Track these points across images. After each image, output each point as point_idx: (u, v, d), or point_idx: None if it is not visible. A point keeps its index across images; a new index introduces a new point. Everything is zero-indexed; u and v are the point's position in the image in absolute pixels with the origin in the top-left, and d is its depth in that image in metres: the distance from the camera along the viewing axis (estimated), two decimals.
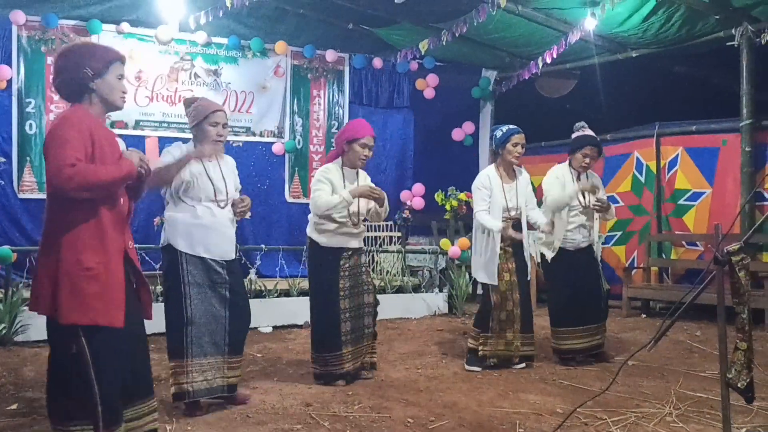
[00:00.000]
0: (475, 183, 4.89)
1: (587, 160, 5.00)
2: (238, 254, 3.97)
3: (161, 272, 3.90)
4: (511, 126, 4.90)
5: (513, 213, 4.83)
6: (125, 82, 2.86)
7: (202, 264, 3.70)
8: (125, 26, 7.65)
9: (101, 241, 2.65)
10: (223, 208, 3.79)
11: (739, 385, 2.66)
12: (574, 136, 5.13)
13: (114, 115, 7.34)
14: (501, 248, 4.78)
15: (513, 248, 4.85)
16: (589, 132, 5.06)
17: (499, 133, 4.88)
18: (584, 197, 4.96)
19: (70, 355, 2.62)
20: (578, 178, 5.07)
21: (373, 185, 4.45)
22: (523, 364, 4.88)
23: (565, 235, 4.97)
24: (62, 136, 2.60)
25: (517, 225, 4.85)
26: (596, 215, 5.08)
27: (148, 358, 2.96)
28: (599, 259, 5.20)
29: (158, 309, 3.79)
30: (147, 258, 6.55)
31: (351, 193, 4.28)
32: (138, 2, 7.36)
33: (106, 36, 7.49)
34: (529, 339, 4.89)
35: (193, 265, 3.68)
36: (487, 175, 4.86)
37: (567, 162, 5.12)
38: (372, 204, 4.49)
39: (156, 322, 3.90)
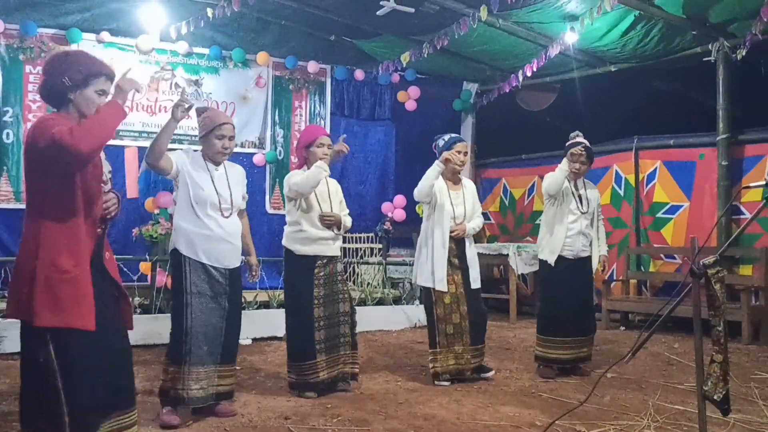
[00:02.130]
0: None
1: (575, 159, 4.99)
2: (243, 263, 4.02)
3: (138, 281, 3.92)
4: (453, 134, 4.99)
5: (459, 220, 4.85)
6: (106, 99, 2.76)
7: (205, 271, 3.75)
8: (105, 35, 7.61)
9: (76, 245, 2.63)
10: (227, 217, 3.82)
11: (715, 397, 2.67)
12: (567, 144, 5.17)
13: None
14: (447, 258, 4.77)
15: (459, 260, 4.84)
16: (581, 139, 5.10)
17: (441, 142, 4.93)
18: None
19: (40, 362, 2.58)
20: (575, 187, 5.10)
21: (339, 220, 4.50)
22: (492, 371, 4.89)
23: (564, 242, 4.99)
24: (45, 128, 2.56)
25: (460, 242, 4.86)
26: (599, 224, 5.12)
27: (131, 369, 2.92)
28: (595, 270, 5.20)
29: (137, 320, 3.78)
30: (125, 269, 6.48)
31: (322, 216, 4.38)
32: (119, 11, 7.33)
33: (85, 45, 7.42)
34: (479, 351, 4.88)
35: (196, 273, 3.73)
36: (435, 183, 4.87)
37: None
38: (344, 213, 4.60)
39: (135, 334, 3.88)
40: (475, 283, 4.90)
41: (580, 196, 5.07)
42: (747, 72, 7.32)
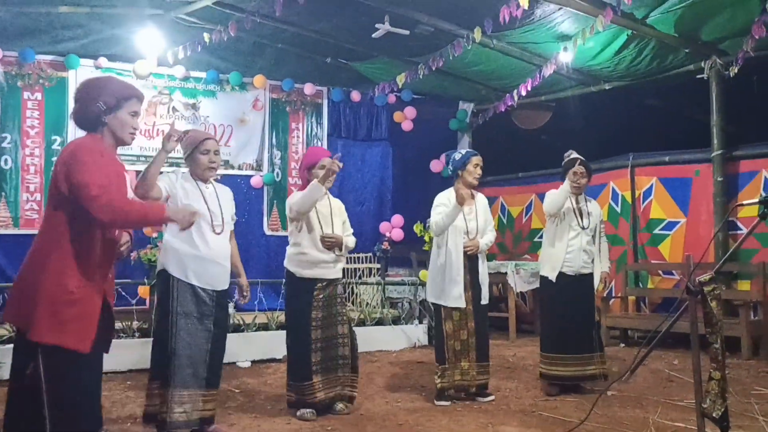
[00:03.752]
0: (435, 201, 4.93)
1: (578, 178, 5.05)
2: (231, 287, 4.01)
3: (137, 305, 3.91)
4: (468, 149, 5.02)
5: (472, 235, 4.86)
6: (138, 120, 2.94)
7: (193, 293, 3.73)
8: (103, 61, 7.67)
9: (88, 267, 2.68)
10: (218, 234, 3.82)
11: (714, 414, 2.67)
12: (564, 163, 5.20)
13: None
14: (462, 275, 4.79)
15: (471, 276, 4.85)
16: (576, 155, 5.14)
17: (457, 156, 4.98)
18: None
19: (27, 374, 2.60)
20: (576, 201, 5.12)
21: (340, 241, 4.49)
22: (492, 397, 4.87)
23: (565, 258, 5.00)
24: (81, 159, 2.67)
25: (473, 258, 4.88)
26: (601, 240, 5.13)
27: (101, 389, 2.93)
28: (597, 287, 5.20)
29: (134, 344, 3.78)
30: (123, 293, 6.48)
31: (318, 180, 4.30)
32: (116, 37, 7.40)
33: (83, 71, 7.49)
34: (484, 368, 4.89)
35: (184, 294, 3.71)
36: (447, 196, 4.89)
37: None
38: (347, 233, 4.61)
39: (132, 358, 3.88)
40: (484, 299, 4.92)
41: (581, 212, 5.09)
42: (740, 88, 7.38)
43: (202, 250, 3.73)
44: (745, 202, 3.05)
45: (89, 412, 2.74)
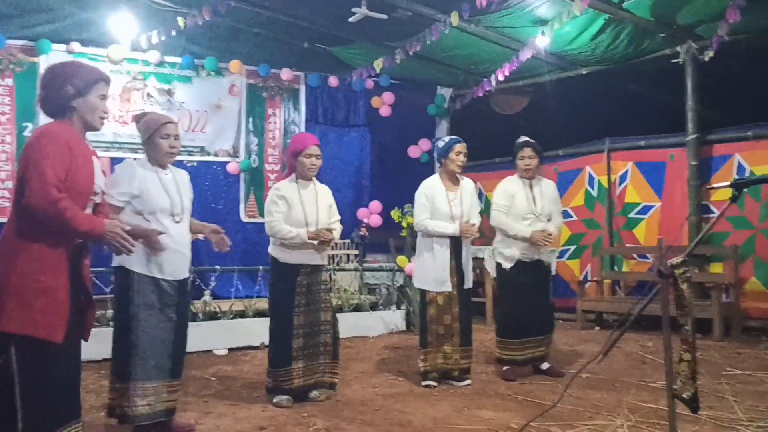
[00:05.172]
0: (417, 192, 4.95)
1: (526, 162, 5.08)
2: (191, 275, 3.92)
3: (112, 293, 3.81)
4: (453, 136, 5.06)
5: (458, 221, 4.87)
6: (107, 104, 2.90)
7: (155, 285, 3.63)
8: (75, 46, 7.54)
9: (56, 256, 2.65)
10: (178, 222, 3.73)
11: (684, 395, 2.70)
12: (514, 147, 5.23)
13: None
14: (448, 260, 4.82)
15: (456, 261, 4.88)
16: (526, 138, 5.16)
17: (441, 144, 5.02)
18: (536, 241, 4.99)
19: (0, 369, 2.57)
20: (530, 186, 5.13)
21: (326, 230, 4.44)
22: (468, 381, 4.90)
23: (522, 246, 5.02)
24: (42, 151, 2.62)
25: (458, 242, 4.89)
26: (557, 218, 5.17)
27: (79, 380, 2.89)
28: (554, 272, 5.28)
29: (109, 333, 3.74)
30: (98, 282, 6.39)
31: (308, 234, 4.32)
32: (88, 21, 7.26)
33: (55, 56, 7.33)
34: (467, 352, 4.92)
35: (145, 287, 3.61)
36: (431, 184, 4.93)
37: (516, 175, 5.19)
38: (333, 219, 4.58)
39: (104, 347, 3.84)
40: (468, 284, 4.94)
41: (534, 199, 5.10)
42: (715, 73, 7.44)
43: (164, 240, 3.60)
44: (715, 186, 3.08)
45: (64, 403, 2.71)
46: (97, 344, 4.00)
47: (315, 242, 4.37)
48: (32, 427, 2.57)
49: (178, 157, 7.97)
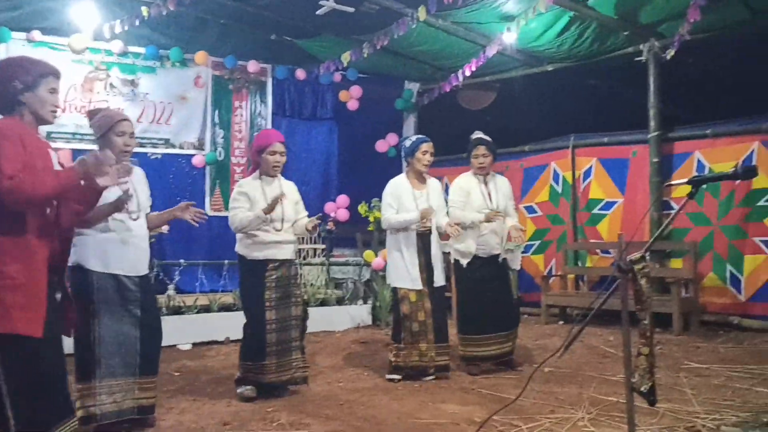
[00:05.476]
0: (385, 190, 4.98)
1: (480, 160, 5.11)
2: (155, 270, 3.88)
3: (70, 292, 3.73)
4: (420, 135, 5.10)
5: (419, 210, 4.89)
6: (58, 97, 2.86)
7: (115, 282, 3.59)
8: (36, 34, 7.37)
9: (25, 250, 2.61)
10: (135, 219, 3.68)
11: (642, 389, 2.75)
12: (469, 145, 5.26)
13: None
14: (417, 257, 4.85)
15: (425, 257, 4.90)
16: (480, 135, 5.19)
17: (408, 143, 5.04)
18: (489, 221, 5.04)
19: None
20: (485, 183, 5.17)
21: (312, 223, 4.42)
22: (433, 375, 4.91)
23: (478, 242, 5.06)
24: None
25: (426, 240, 4.91)
26: (506, 222, 5.19)
27: (66, 375, 2.85)
28: (518, 267, 5.32)
29: None
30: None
31: (264, 210, 4.28)
32: (49, 9, 7.10)
33: (15, 44, 7.19)
34: (444, 349, 4.94)
35: (104, 284, 3.56)
36: (398, 183, 4.97)
37: (471, 171, 5.23)
38: (300, 216, 4.56)
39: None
40: (439, 280, 4.96)
41: (489, 195, 5.14)
42: (676, 71, 7.58)
43: (123, 237, 3.58)
44: (673, 182, 3.14)
45: (54, 401, 2.67)
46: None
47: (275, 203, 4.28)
48: (26, 428, 2.54)
49: (142, 149, 7.98)
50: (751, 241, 6.79)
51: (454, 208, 5.12)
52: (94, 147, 3.65)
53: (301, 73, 8.89)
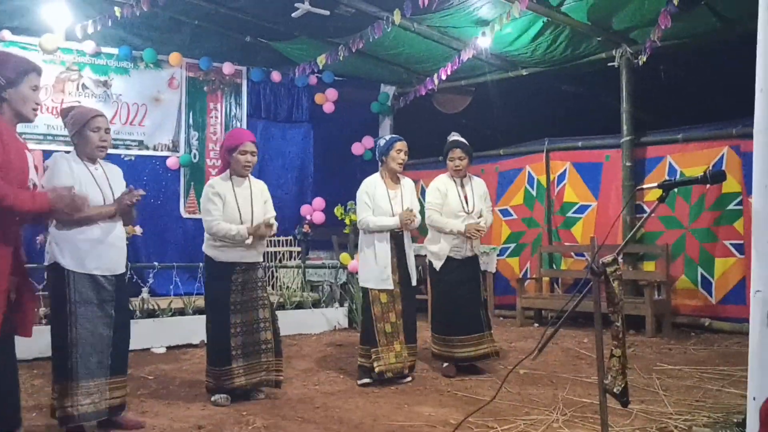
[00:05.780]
0: (359, 190, 4.97)
1: (456, 163, 5.14)
2: (129, 272, 3.84)
3: (47, 292, 3.69)
4: (393, 135, 5.11)
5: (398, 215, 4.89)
6: (39, 94, 2.85)
7: (91, 281, 3.55)
8: (6, 34, 7.26)
9: None
10: (111, 218, 3.64)
11: (615, 390, 2.79)
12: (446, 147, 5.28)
13: None
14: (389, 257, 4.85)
15: (398, 257, 4.91)
16: (456, 138, 5.22)
17: (382, 142, 5.05)
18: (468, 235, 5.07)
19: None
20: (461, 185, 5.20)
21: (267, 222, 4.38)
22: (409, 378, 4.93)
23: (452, 244, 5.08)
24: None
25: (399, 240, 4.93)
26: (487, 214, 5.25)
27: (18, 384, 2.79)
28: (494, 270, 5.36)
29: (41, 331, 3.62)
30: (30, 278, 6.18)
31: (248, 230, 4.27)
32: (20, 9, 7.00)
33: None
34: (412, 349, 4.96)
35: (81, 283, 3.53)
36: (373, 182, 4.95)
37: (447, 174, 5.26)
38: (269, 215, 4.51)
39: (39, 345, 3.72)
40: (412, 280, 4.97)
41: (466, 197, 5.17)
42: (648, 77, 7.70)
43: (99, 236, 3.53)
44: (645, 186, 3.18)
45: (1, 411, 2.61)
46: (29, 342, 3.91)
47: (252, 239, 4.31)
48: None
49: (115, 151, 7.90)
50: (721, 244, 6.91)
51: (432, 210, 5.13)
52: (68, 148, 3.60)
53: (276, 76, 8.86)
